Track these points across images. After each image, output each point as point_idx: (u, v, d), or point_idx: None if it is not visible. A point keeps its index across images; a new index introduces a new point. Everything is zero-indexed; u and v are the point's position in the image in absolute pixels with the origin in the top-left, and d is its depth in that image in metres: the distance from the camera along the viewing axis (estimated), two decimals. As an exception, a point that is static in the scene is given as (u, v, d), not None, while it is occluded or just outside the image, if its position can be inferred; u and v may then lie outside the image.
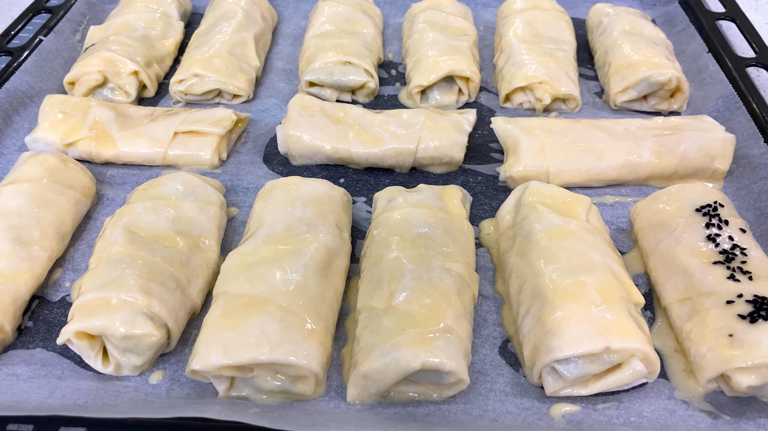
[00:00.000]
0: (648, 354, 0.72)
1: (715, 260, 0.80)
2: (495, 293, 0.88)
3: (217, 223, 0.92)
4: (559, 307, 0.74)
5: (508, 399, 0.75)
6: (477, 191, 1.03)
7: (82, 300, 0.76)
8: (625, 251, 0.94)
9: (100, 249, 0.84)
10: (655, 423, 0.72)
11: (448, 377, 0.71)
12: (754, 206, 0.98)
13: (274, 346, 0.70)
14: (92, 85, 1.17)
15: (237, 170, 1.08)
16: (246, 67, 1.22)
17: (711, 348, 0.73)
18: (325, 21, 1.31)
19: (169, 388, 0.76)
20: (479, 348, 0.80)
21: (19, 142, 1.10)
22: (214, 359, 0.69)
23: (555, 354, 0.71)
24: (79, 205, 0.95)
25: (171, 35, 1.32)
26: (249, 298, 0.75)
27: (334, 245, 0.85)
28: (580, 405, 0.74)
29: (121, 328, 0.73)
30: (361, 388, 0.72)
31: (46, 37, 1.27)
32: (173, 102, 1.22)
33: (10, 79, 1.16)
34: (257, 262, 0.79)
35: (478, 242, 0.95)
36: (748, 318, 0.73)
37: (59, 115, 1.07)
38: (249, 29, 1.29)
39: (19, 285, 0.82)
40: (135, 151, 1.05)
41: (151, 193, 0.92)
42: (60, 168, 0.96)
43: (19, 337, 0.82)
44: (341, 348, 0.80)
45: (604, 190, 1.04)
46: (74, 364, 0.78)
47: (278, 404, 0.73)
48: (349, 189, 1.03)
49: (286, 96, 1.24)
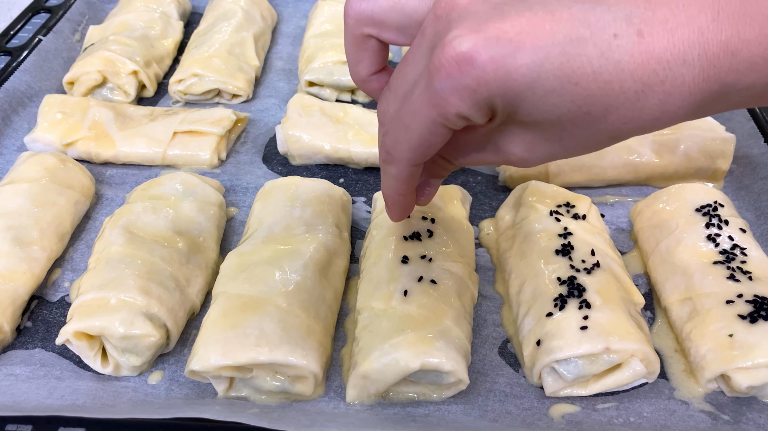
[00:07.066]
0: (648, 355, 0.71)
1: (715, 260, 0.80)
2: (495, 293, 0.87)
3: (216, 223, 0.92)
4: (559, 307, 0.74)
5: (508, 400, 0.75)
6: (477, 191, 1.03)
7: (81, 300, 0.76)
8: (625, 251, 0.93)
9: (99, 249, 0.84)
10: (655, 423, 0.72)
11: (447, 377, 0.71)
12: (754, 206, 0.98)
13: (274, 346, 0.70)
14: (91, 85, 1.17)
15: (236, 170, 1.08)
16: (245, 67, 1.22)
17: (711, 349, 0.73)
18: (325, 21, 1.31)
19: (168, 388, 0.76)
20: (479, 349, 0.80)
21: (18, 142, 1.10)
22: (213, 359, 0.69)
23: (555, 354, 0.71)
24: (79, 205, 0.95)
25: (170, 35, 1.31)
26: (248, 298, 0.75)
27: (333, 245, 0.84)
28: (579, 405, 0.74)
29: (120, 328, 0.73)
30: (361, 388, 0.72)
31: (45, 36, 1.27)
32: (172, 102, 1.22)
33: (10, 79, 1.15)
34: (256, 262, 0.79)
35: (477, 242, 0.94)
36: (748, 319, 0.73)
37: (58, 115, 1.07)
38: (248, 29, 1.29)
39: (18, 285, 0.81)
40: (134, 150, 1.05)
41: (150, 192, 0.92)
42: (59, 168, 0.96)
43: (18, 337, 0.82)
44: (341, 348, 0.80)
45: (604, 189, 1.03)
46: (73, 364, 0.78)
47: (277, 404, 0.73)
48: (349, 189, 1.03)
49: (286, 96, 1.24)
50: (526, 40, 0.41)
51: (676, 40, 0.40)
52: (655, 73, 0.41)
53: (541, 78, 0.41)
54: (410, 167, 0.55)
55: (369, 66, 0.59)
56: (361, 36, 0.56)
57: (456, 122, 0.46)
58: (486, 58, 0.41)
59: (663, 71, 0.41)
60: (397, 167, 0.55)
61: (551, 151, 0.49)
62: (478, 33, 0.42)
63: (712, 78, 0.41)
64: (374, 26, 0.54)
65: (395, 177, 0.57)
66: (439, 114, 0.46)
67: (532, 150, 0.50)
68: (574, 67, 0.41)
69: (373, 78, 0.60)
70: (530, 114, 0.45)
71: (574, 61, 0.41)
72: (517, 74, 0.42)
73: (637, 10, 0.41)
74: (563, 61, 0.41)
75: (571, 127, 0.45)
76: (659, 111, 0.43)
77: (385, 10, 0.53)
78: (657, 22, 0.40)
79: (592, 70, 0.41)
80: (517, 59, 0.41)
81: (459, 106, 0.44)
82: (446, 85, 0.43)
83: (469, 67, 0.42)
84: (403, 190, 0.60)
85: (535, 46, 0.41)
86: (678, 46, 0.40)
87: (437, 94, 0.45)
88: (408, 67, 0.49)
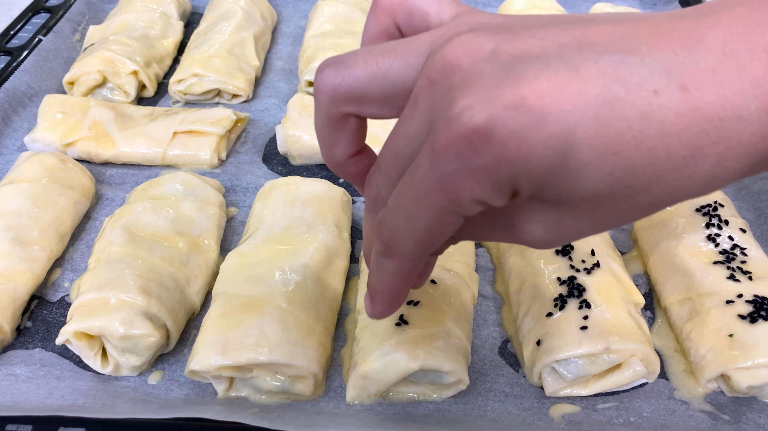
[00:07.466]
0: (648, 355, 0.71)
1: (715, 260, 0.80)
2: (495, 293, 0.87)
3: (216, 223, 0.92)
4: (559, 307, 0.74)
5: (508, 400, 0.75)
6: (477, 191, 1.03)
7: (81, 300, 0.76)
8: (625, 251, 0.93)
9: (99, 249, 0.84)
10: (655, 423, 0.72)
11: (447, 377, 0.71)
12: (754, 206, 0.98)
13: (273, 347, 0.70)
14: (91, 85, 1.17)
15: (236, 170, 1.08)
16: (245, 67, 1.22)
17: (711, 349, 0.73)
18: (325, 21, 1.31)
19: (168, 388, 0.76)
20: (479, 349, 0.80)
21: (18, 142, 1.10)
22: (213, 359, 0.69)
23: (555, 354, 0.71)
24: (79, 205, 0.95)
25: (170, 35, 1.31)
26: (248, 298, 0.75)
27: (333, 245, 0.84)
28: (579, 405, 0.74)
29: (120, 328, 0.73)
30: (361, 388, 0.72)
31: (45, 36, 1.27)
32: (172, 102, 1.22)
33: (9, 79, 1.15)
34: (256, 262, 0.79)
35: (477, 242, 0.94)
36: (748, 319, 0.73)
37: (58, 115, 1.07)
38: (248, 29, 1.29)
39: (18, 285, 0.81)
40: (134, 150, 1.05)
41: (151, 193, 0.92)
42: (59, 168, 0.96)
43: (18, 337, 0.82)
44: (341, 348, 0.80)
45: (604, 189, 1.03)
46: (73, 364, 0.78)
47: (277, 404, 0.73)
48: (349, 188, 1.03)
49: (286, 96, 1.24)
50: (550, 105, 0.34)
51: (728, 93, 0.34)
52: (706, 133, 0.34)
53: (573, 150, 0.35)
54: (414, 262, 0.46)
55: (346, 148, 0.50)
56: (337, 116, 0.47)
57: (471, 208, 0.39)
58: (506, 133, 0.34)
59: (715, 131, 0.34)
60: (397, 262, 0.46)
61: (578, 229, 0.41)
62: (492, 102, 0.34)
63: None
64: (352, 103, 0.46)
65: (393, 272, 0.47)
66: (451, 201, 0.38)
67: (556, 230, 0.41)
68: (611, 134, 0.34)
69: (351, 162, 0.51)
70: (559, 192, 0.37)
71: (611, 127, 0.34)
72: (544, 148, 0.34)
73: (676, 60, 0.35)
74: (598, 128, 0.34)
75: (607, 203, 0.38)
76: (710, 176, 0.36)
77: (364, 82, 0.44)
78: (702, 73, 0.34)
79: (633, 135, 0.34)
80: (543, 130, 0.34)
81: (475, 191, 0.37)
82: (457, 166, 0.36)
83: (486, 144, 0.34)
84: (399, 287, 0.49)
85: (563, 112, 0.34)
86: (731, 100, 0.34)
87: (446, 178, 0.37)
88: (400, 144, 0.42)
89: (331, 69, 0.46)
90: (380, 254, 0.46)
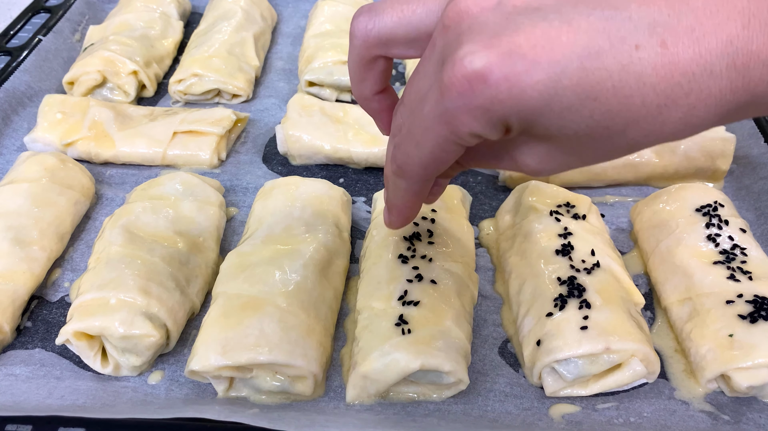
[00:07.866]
0: (648, 355, 0.71)
1: (715, 260, 0.80)
2: (495, 293, 0.87)
3: (216, 223, 0.92)
4: (559, 307, 0.74)
5: (508, 400, 0.75)
6: (477, 191, 1.03)
7: (80, 300, 0.76)
8: (625, 251, 0.93)
9: (99, 249, 0.84)
10: (655, 424, 0.72)
11: (447, 377, 0.71)
12: (754, 206, 0.98)
13: (273, 347, 0.70)
14: (91, 85, 1.17)
15: (236, 170, 1.08)
16: (245, 67, 1.22)
17: (711, 349, 0.73)
18: (325, 20, 1.31)
19: (168, 388, 0.76)
20: (479, 349, 0.80)
21: (18, 142, 1.10)
22: (213, 359, 0.69)
23: (555, 354, 0.71)
24: (79, 205, 0.95)
25: (170, 35, 1.31)
26: (248, 298, 0.75)
27: (333, 245, 0.84)
28: (579, 405, 0.74)
29: (120, 328, 0.73)
30: (361, 388, 0.72)
31: (45, 36, 1.27)
32: (172, 102, 1.22)
33: (9, 79, 1.15)
34: (256, 262, 0.79)
35: (477, 242, 0.94)
36: (748, 319, 0.73)
37: (58, 115, 1.07)
38: (248, 29, 1.29)
39: (18, 285, 0.81)
40: (134, 150, 1.05)
41: (150, 192, 0.92)
42: (59, 168, 0.96)
43: (18, 337, 0.82)
44: (341, 348, 0.80)
45: (604, 189, 1.03)
46: (73, 364, 0.78)
47: (277, 404, 0.73)
48: (349, 189, 1.03)
49: (286, 96, 1.24)
50: (541, 54, 0.39)
51: (702, 51, 0.38)
52: (680, 85, 0.38)
53: (558, 94, 0.40)
54: (421, 182, 0.55)
55: (373, 85, 0.59)
56: (368, 57, 0.55)
57: (468, 140, 0.45)
58: (499, 77, 0.39)
59: (688, 84, 0.38)
60: (407, 181, 0.55)
61: (566, 162, 0.48)
62: (490, 48, 0.40)
63: (741, 89, 0.39)
64: (382, 46, 0.53)
65: (405, 190, 0.56)
66: (451, 132, 0.44)
67: (547, 161, 0.48)
68: (592, 82, 0.39)
69: (375, 98, 0.60)
70: (546, 129, 0.43)
71: (593, 76, 0.39)
72: (532, 92, 0.39)
73: (660, 18, 0.38)
74: (581, 76, 0.39)
75: (588, 141, 0.43)
76: (682, 124, 0.41)
77: (392, 27, 0.51)
78: (682, 31, 0.38)
79: (612, 84, 0.39)
80: (533, 76, 0.39)
81: (471, 125, 0.43)
82: (458, 104, 0.42)
83: (482, 86, 0.40)
84: (411, 202, 0.60)
85: (552, 61, 0.39)
86: (705, 56, 0.38)
87: (448, 113, 0.43)
88: (419, 80, 0.48)
89: (365, 16, 0.53)
90: (394, 173, 0.55)
